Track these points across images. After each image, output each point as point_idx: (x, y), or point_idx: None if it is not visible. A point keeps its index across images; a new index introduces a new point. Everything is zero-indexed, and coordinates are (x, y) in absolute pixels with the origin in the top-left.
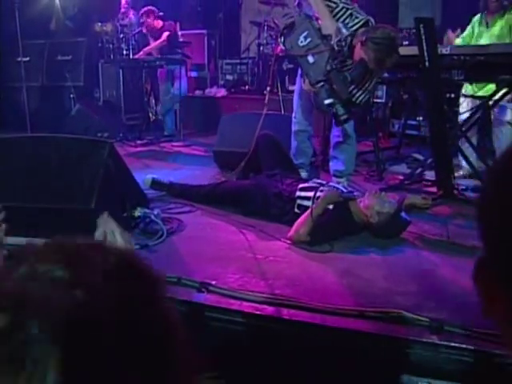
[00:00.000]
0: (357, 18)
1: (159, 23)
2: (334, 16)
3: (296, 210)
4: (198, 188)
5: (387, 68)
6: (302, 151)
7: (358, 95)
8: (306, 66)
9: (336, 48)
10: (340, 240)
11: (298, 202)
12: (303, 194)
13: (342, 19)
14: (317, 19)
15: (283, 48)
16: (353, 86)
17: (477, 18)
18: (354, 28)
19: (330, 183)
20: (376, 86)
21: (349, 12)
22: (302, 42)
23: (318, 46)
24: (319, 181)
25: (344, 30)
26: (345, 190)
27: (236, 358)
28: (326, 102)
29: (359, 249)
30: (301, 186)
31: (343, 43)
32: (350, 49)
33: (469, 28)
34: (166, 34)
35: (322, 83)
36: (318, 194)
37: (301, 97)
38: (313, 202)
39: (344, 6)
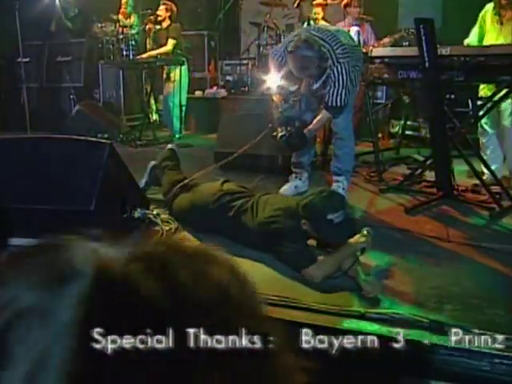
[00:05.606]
0: None
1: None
2: None
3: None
4: None
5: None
6: (303, 150)
7: (333, 98)
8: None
9: None
10: None
11: None
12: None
13: None
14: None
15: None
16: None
17: (489, 8)
18: None
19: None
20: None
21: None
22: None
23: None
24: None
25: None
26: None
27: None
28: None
29: None
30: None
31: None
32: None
33: (476, 28)
34: (172, 42)
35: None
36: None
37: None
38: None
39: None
